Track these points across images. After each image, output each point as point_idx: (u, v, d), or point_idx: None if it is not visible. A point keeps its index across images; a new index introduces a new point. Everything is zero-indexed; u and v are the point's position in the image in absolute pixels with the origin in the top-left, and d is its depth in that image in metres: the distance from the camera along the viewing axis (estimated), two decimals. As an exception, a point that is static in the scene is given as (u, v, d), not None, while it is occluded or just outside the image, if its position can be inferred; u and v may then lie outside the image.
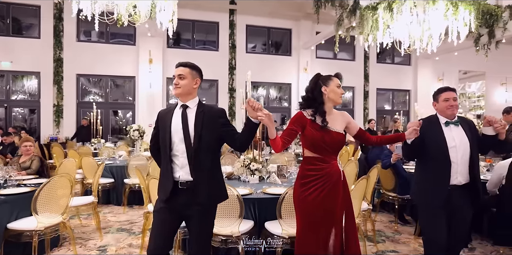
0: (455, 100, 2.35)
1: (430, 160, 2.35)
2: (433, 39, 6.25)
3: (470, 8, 5.47)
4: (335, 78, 2.21)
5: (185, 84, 1.95)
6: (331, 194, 2.09)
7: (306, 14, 10.49)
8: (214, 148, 2.03)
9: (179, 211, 1.95)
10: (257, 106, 1.78)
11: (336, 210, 2.10)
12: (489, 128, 2.27)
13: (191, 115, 1.96)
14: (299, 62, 10.73)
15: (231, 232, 2.59)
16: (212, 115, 1.98)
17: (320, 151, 2.12)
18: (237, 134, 1.96)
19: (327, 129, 2.12)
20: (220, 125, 1.97)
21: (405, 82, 11.87)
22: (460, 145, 2.28)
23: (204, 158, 1.93)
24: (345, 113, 2.31)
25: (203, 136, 1.91)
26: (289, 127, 2.15)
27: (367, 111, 11.39)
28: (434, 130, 2.34)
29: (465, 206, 2.33)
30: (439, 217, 2.31)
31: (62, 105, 9.39)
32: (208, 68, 10.22)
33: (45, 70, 9.31)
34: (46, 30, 9.30)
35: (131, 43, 9.95)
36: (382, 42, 6.61)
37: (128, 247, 3.49)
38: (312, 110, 2.17)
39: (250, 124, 1.87)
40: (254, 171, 3.59)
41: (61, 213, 2.96)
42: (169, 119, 1.97)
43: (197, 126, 1.92)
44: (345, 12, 7.90)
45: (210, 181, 1.96)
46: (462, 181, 2.29)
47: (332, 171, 2.11)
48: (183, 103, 1.99)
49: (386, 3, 5.88)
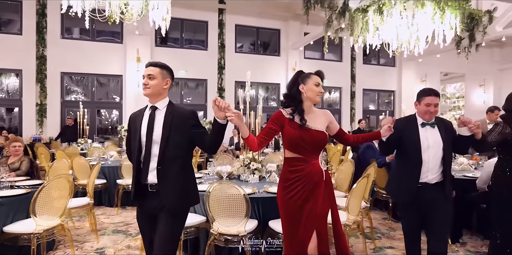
0: (436, 106, 2.37)
1: (404, 158, 2.46)
2: (420, 42, 6.46)
3: (456, 12, 5.67)
4: (314, 76, 2.14)
5: (154, 85, 1.90)
6: (312, 194, 2.06)
7: (294, 14, 10.58)
8: (184, 151, 1.97)
9: (152, 214, 1.93)
10: (224, 106, 1.73)
11: (317, 210, 2.06)
12: (464, 128, 2.32)
13: (160, 116, 1.92)
14: (288, 62, 10.82)
15: (238, 232, 2.60)
16: (181, 116, 1.93)
17: (300, 150, 2.08)
18: (206, 136, 1.91)
19: (306, 128, 2.08)
20: (190, 126, 1.92)
21: (390, 83, 12.17)
22: (434, 146, 2.36)
23: (172, 161, 1.89)
24: (327, 112, 2.26)
25: (171, 139, 1.88)
26: (267, 126, 2.12)
27: (354, 111, 11.61)
28: (410, 130, 2.41)
29: (438, 202, 2.38)
30: (411, 212, 2.45)
31: (45, 104, 9.10)
32: (197, 68, 10.27)
33: (27, 67, 8.99)
34: (29, 26, 8.98)
35: (118, 41, 9.75)
36: (371, 44, 6.76)
37: (126, 248, 3.44)
38: (291, 109, 2.13)
39: (217, 125, 1.81)
40: (254, 171, 3.62)
41: (59, 215, 2.89)
42: (139, 121, 1.94)
43: (165, 128, 1.88)
44: (334, 13, 8.04)
45: (178, 185, 1.92)
46: (433, 179, 2.37)
47: (313, 171, 2.08)
48: (152, 105, 1.95)
49: (376, 6, 6.02)
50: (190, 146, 1.99)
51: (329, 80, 11.35)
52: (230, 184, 2.64)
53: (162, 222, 1.90)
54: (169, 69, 1.99)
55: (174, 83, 9.02)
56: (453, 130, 2.49)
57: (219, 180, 3.47)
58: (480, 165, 4.51)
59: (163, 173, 1.88)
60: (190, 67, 10.08)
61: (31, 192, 3.00)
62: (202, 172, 4.14)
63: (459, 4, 5.70)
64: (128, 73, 9.46)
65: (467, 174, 3.94)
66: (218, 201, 2.65)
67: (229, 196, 2.59)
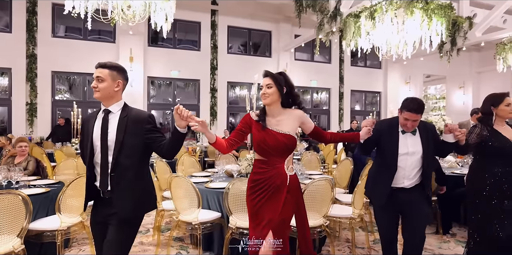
0: (414, 121, 2.33)
1: (381, 161, 2.47)
2: (408, 46, 6.83)
3: (442, 20, 6.05)
4: (263, 79, 2.09)
5: (104, 87, 1.82)
6: (273, 199, 2.02)
7: (285, 17, 10.83)
8: (140, 156, 1.88)
9: (104, 222, 1.86)
10: (186, 115, 1.69)
11: (273, 215, 1.99)
12: (450, 135, 2.31)
13: (114, 120, 1.84)
14: (279, 64, 11.06)
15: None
16: (137, 120, 1.84)
17: (264, 153, 2.06)
18: (164, 141, 1.84)
19: (270, 131, 2.05)
20: (145, 131, 1.84)
21: (376, 84, 12.61)
22: (413, 153, 2.34)
23: (126, 166, 1.81)
24: (299, 113, 2.17)
25: (126, 143, 1.79)
26: (237, 127, 2.12)
27: (342, 111, 11.98)
28: (390, 135, 2.39)
29: (415, 204, 2.36)
30: (386, 214, 2.44)
31: (36, 103, 8.97)
32: (189, 68, 10.34)
33: (17, 66, 8.84)
34: (18, 24, 8.83)
35: (110, 40, 9.71)
36: (361, 47, 7.08)
37: (140, 245, 3.57)
38: (259, 111, 2.14)
39: (177, 134, 1.76)
40: (261, 169, 3.81)
41: (80, 213, 3.00)
42: (92, 125, 1.86)
43: (119, 132, 1.80)
44: (326, 17, 8.34)
45: (133, 191, 1.83)
46: (410, 185, 2.37)
47: (276, 175, 2.03)
48: (105, 108, 1.87)
49: (368, 12, 6.33)
50: (146, 151, 1.90)
51: (318, 81, 11.70)
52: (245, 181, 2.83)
53: (112, 231, 1.81)
54: (121, 70, 1.91)
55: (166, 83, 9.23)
56: (436, 134, 2.48)
57: (228, 178, 3.66)
58: (466, 162, 4.87)
59: (116, 180, 1.79)
60: (183, 67, 10.16)
61: (51, 190, 3.11)
62: (210, 171, 4.30)
63: (444, 12, 6.08)
64: (121, 72, 9.44)
65: (455, 171, 4.27)
66: (237, 198, 2.84)
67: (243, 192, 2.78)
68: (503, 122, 2.58)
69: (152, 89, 10.25)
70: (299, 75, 11.14)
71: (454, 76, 13.11)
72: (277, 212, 2.00)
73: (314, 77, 11.44)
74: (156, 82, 10.37)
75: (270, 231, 1.98)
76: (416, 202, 2.36)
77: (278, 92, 2.05)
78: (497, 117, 2.55)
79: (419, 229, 2.36)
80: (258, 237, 2.01)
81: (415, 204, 2.36)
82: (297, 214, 2.14)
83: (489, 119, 2.55)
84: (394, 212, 2.43)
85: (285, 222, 2.05)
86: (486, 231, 2.47)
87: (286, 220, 2.06)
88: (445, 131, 2.31)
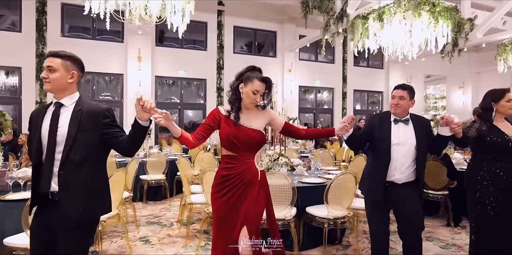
0: (401, 98, 2.34)
1: (375, 155, 2.43)
2: (413, 47, 7.03)
3: (448, 22, 6.25)
4: (257, 82, 2.01)
5: (55, 78, 1.67)
6: (245, 194, 2.01)
7: (290, 17, 11.00)
8: (95, 153, 1.72)
9: (50, 227, 1.67)
10: (149, 106, 1.59)
11: (248, 210, 1.98)
12: (446, 128, 2.25)
13: (66, 114, 1.68)
14: (284, 63, 11.23)
15: (285, 216, 2.98)
16: (93, 114, 1.70)
17: (234, 149, 2.03)
18: (123, 137, 1.71)
19: (241, 126, 2.03)
20: (102, 126, 1.70)
21: (378, 84, 12.83)
22: (405, 143, 2.31)
23: (79, 165, 1.65)
24: (269, 110, 2.19)
25: (78, 139, 1.64)
26: (205, 122, 2.07)
27: (345, 110, 12.19)
28: (383, 126, 2.38)
29: (408, 202, 2.32)
30: (378, 210, 2.38)
31: (45, 102, 9.05)
32: (196, 67, 10.46)
33: (26, 65, 8.92)
34: (28, 24, 8.92)
35: (118, 40, 9.81)
36: (369, 48, 7.26)
37: (168, 237, 3.73)
38: (231, 107, 2.09)
39: (138, 127, 1.65)
40: (282, 165, 3.99)
41: (116, 206, 3.15)
42: (40, 119, 1.69)
43: (71, 127, 1.65)
44: (332, 18, 8.52)
45: (85, 193, 1.66)
46: (401, 179, 2.32)
47: (247, 170, 2.02)
48: (56, 101, 1.71)
49: (376, 14, 6.52)
50: (102, 148, 1.75)
51: (322, 81, 11.89)
52: (282, 175, 3.01)
53: (63, 239, 1.63)
54: (75, 60, 1.76)
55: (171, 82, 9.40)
56: (430, 128, 2.46)
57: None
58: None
59: (66, 179, 1.63)
60: (190, 66, 10.30)
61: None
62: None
63: (450, 14, 6.28)
64: (129, 72, 9.56)
65: (462, 167, 4.47)
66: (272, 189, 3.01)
67: (279, 186, 2.96)
68: (503, 118, 2.56)
69: (159, 88, 10.37)
70: (304, 74, 11.32)
71: (454, 76, 13.38)
72: (252, 207, 1.99)
73: (318, 77, 11.63)
74: (163, 81, 10.49)
75: (245, 227, 1.94)
76: (410, 200, 2.32)
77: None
78: (497, 113, 2.54)
79: (413, 230, 2.33)
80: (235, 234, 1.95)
81: (408, 203, 2.32)
82: (267, 208, 2.15)
83: (489, 114, 2.54)
84: (387, 209, 2.39)
85: (259, 217, 2.06)
86: (485, 225, 2.46)
87: (260, 214, 2.07)
88: (441, 123, 2.25)
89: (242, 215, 1.98)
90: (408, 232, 2.36)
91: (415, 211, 2.33)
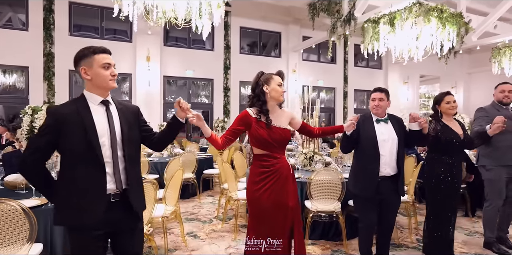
0: (380, 100, 2.59)
1: (363, 153, 2.63)
2: (419, 50, 7.42)
3: (454, 27, 6.66)
4: (276, 76, 2.22)
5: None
6: (283, 188, 2.15)
7: (294, 19, 11.26)
8: (139, 150, 1.80)
9: (111, 232, 1.65)
10: (186, 107, 1.77)
11: (288, 203, 2.15)
12: (414, 124, 2.51)
13: (114, 113, 1.69)
14: (288, 64, 11.49)
15: (334, 208, 3.26)
16: (133, 112, 1.78)
17: (268, 147, 2.16)
18: (155, 134, 1.84)
19: (273, 126, 2.18)
20: (141, 123, 1.82)
21: (377, 84, 13.26)
22: (389, 140, 2.56)
23: (135, 160, 1.73)
24: (289, 111, 2.37)
25: (130, 137, 1.68)
26: (232, 126, 2.18)
27: (346, 109, 12.57)
28: (367, 126, 2.62)
29: (392, 194, 2.60)
30: (370, 204, 2.61)
31: (53, 102, 9.01)
32: (203, 67, 10.60)
33: (34, 64, 8.87)
34: (35, 23, 8.85)
35: (127, 40, 9.85)
36: (378, 50, 7.61)
37: (213, 232, 3.92)
38: (256, 109, 2.19)
39: (176, 123, 1.81)
40: (317, 162, 4.25)
41: (174, 203, 3.35)
42: (89, 118, 1.59)
43: (123, 125, 1.67)
44: (339, 21, 8.83)
45: (142, 189, 1.79)
46: (391, 172, 2.57)
47: (283, 165, 2.18)
48: (103, 99, 1.66)
49: (387, 19, 6.86)
50: (140, 144, 1.82)
51: (324, 81, 12.23)
52: (332, 171, 3.26)
53: (132, 241, 1.70)
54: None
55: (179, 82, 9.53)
56: (403, 125, 2.72)
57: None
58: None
59: (131, 176, 1.66)
60: (197, 66, 10.44)
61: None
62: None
63: (456, 20, 6.68)
64: (138, 72, 9.61)
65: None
66: (319, 186, 3.26)
67: (329, 181, 3.22)
68: (451, 118, 2.87)
69: (168, 88, 10.46)
70: (307, 75, 11.62)
71: (447, 77, 13.95)
72: (290, 200, 2.17)
73: (321, 77, 11.95)
74: (173, 81, 10.59)
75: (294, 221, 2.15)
76: (394, 192, 2.60)
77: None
78: (443, 114, 2.85)
79: (393, 217, 2.68)
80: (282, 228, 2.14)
81: (393, 194, 2.60)
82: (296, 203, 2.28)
83: (437, 115, 2.87)
84: (376, 201, 2.61)
85: (298, 209, 2.26)
86: (442, 211, 2.82)
87: (299, 208, 2.28)
88: (410, 119, 2.51)
89: (286, 207, 2.13)
90: (387, 221, 2.67)
91: (397, 200, 2.68)
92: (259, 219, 2.16)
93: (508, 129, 2.98)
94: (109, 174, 1.59)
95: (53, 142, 1.56)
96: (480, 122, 3.14)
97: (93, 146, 1.55)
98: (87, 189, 1.55)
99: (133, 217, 1.69)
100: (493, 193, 3.19)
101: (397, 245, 3.43)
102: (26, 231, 1.95)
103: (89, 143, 1.55)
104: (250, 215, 2.24)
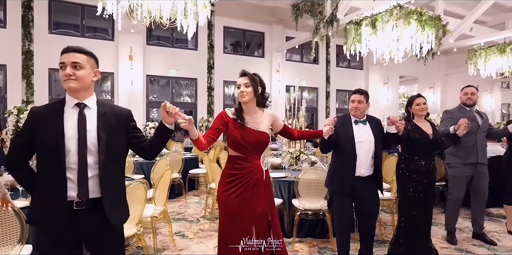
0: (359, 102, 2.66)
1: (341, 154, 2.70)
2: (399, 52, 7.65)
3: (433, 30, 6.91)
4: (239, 78, 2.17)
5: (83, 76, 1.56)
6: (253, 193, 2.12)
7: (278, 19, 11.35)
8: (123, 156, 1.72)
9: (78, 240, 1.59)
10: (174, 111, 1.61)
11: (256, 208, 2.11)
12: (392, 127, 2.67)
13: (92, 116, 1.59)
14: (272, 64, 11.57)
15: (321, 207, 3.35)
16: (120, 117, 1.68)
17: (242, 150, 2.13)
18: (146, 141, 1.72)
19: (248, 128, 2.14)
20: (131, 129, 1.71)
21: (358, 85, 13.54)
22: (366, 141, 2.63)
23: (111, 168, 1.60)
24: (272, 112, 2.33)
25: (109, 143, 1.58)
26: (213, 125, 2.16)
27: (329, 109, 12.78)
28: (346, 127, 2.69)
29: (369, 193, 2.69)
30: (346, 202, 2.71)
31: (32, 101, 8.75)
32: (187, 67, 10.55)
33: (12, 63, 8.57)
34: (13, 20, 8.55)
35: (109, 38, 9.66)
36: (360, 51, 7.79)
37: (201, 231, 3.95)
38: (235, 109, 2.20)
39: (164, 130, 1.66)
40: (303, 161, 4.34)
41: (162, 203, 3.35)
42: (59, 121, 1.53)
43: (101, 130, 1.57)
44: (322, 22, 8.99)
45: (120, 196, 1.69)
46: (365, 173, 2.64)
47: (254, 170, 2.14)
48: (78, 102, 1.59)
49: (369, 21, 7.04)
50: (127, 150, 1.74)
51: (307, 81, 12.38)
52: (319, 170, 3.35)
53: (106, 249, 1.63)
54: (96, 58, 1.68)
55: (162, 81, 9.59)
56: (381, 126, 2.81)
57: (273, 169, 4.14)
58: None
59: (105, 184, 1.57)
60: (181, 66, 10.36)
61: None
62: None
63: (434, 23, 6.94)
64: (120, 71, 9.45)
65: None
66: (306, 185, 3.34)
67: (316, 180, 3.31)
68: (422, 118, 2.96)
69: (151, 87, 10.33)
70: (290, 75, 11.73)
71: (425, 77, 14.41)
72: (259, 205, 2.12)
73: (304, 77, 12.09)
74: (154, 80, 10.47)
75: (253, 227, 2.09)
76: (371, 191, 2.71)
77: (254, 91, 2.14)
78: (415, 115, 2.95)
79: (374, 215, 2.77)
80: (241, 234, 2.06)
81: (370, 193, 2.70)
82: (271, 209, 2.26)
83: (409, 116, 2.98)
84: (351, 199, 2.72)
85: (265, 216, 2.19)
86: (406, 205, 2.89)
87: (266, 214, 2.20)
88: (388, 123, 2.64)
89: (252, 214, 2.09)
90: (365, 219, 2.74)
91: (375, 200, 2.75)
92: (226, 220, 2.15)
93: (471, 130, 3.26)
94: (72, 181, 1.51)
95: (31, 140, 1.54)
96: (445, 123, 3.42)
97: (57, 151, 1.49)
98: (47, 193, 1.52)
99: (109, 228, 1.59)
100: (455, 188, 3.51)
101: (381, 242, 3.55)
102: (17, 232, 1.94)
103: (54, 146, 1.49)
104: (219, 215, 2.23)
